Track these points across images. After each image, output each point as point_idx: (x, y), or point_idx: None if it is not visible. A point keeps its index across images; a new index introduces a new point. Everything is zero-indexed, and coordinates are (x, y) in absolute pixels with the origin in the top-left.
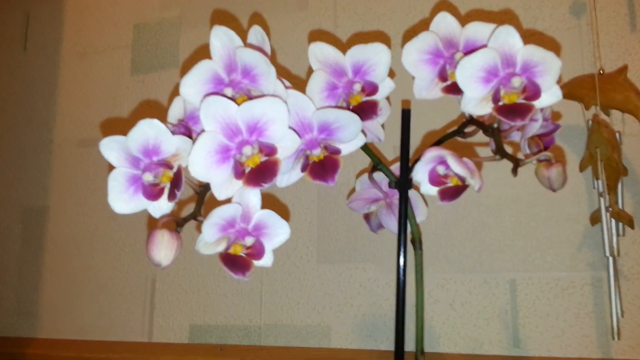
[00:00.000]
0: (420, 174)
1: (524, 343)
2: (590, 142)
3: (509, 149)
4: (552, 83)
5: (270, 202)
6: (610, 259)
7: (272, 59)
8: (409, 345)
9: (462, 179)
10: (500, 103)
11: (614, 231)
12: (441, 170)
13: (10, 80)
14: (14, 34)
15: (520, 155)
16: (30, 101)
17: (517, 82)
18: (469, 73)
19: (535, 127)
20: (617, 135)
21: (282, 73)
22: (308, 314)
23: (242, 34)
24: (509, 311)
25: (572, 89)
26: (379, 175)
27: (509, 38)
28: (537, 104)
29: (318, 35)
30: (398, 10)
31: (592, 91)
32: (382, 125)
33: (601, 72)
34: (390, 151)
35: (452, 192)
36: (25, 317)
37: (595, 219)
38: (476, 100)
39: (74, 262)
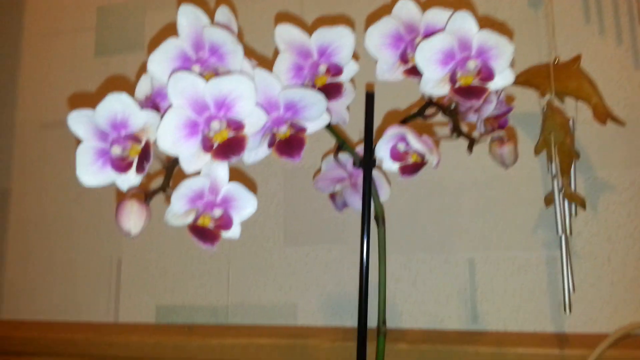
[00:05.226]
0: (382, 150)
1: (481, 318)
2: (545, 128)
3: (466, 130)
4: (504, 66)
5: (238, 176)
6: (563, 237)
7: (240, 39)
8: (371, 321)
9: (421, 156)
10: (457, 85)
11: (566, 211)
12: (402, 147)
13: None
14: None
15: (475, 135)
16: None
17: (472, 65)
18: (428, 55)
19: (490, 108)
20: (570, 121)
21: (249, 53)
22: (275, 294)
23: (210, 14)
24: (468, 289)
25: (528, 77)
26: (343, 156)
27: (465, 23)
28: (491, 86)
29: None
30: None
31: (547, 79)
32: (348, 108)
33: (556, 61)
34: (356, 134)
35: (412, 168)
36: None
37: (549, 200)
38: (434, 82)
39: (38, 244)
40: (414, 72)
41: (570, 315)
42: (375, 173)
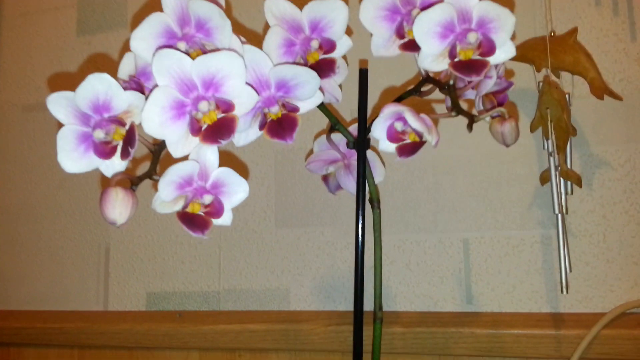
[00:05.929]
0: (378, 130)
1: (476, 299)
2: (541, 103)
3: (463, 106)
4: (506, 39)
5: (228, 159)
6: (559, 215)
7: (227, 13)
8: (366, 305)
9: (419, 135)
10: (456, 59)
11: (562, 190)
12: (399, 126)
13: None
14: None
15: (474, 112)
16: None
17: (473, 37)
18: (426, 28)
19: (490, 84)
20: (566, 96)
21: (238, 29)
22: (267, 278)
23: None
24: (462, 269)
25: (523, 51)
26: (337, 136)
27: None
28: (492, 60)
29: None
30: None
31: (543, 53)
32: (340, 87)
33: (552, 34)
34: (348, 114)
35: (410, 148)
36: None
37: (544, 178)
38: (433, 57)
39: (23, 232)
40: (411, 46)
41: (566, 295)
42: (369, 154)
